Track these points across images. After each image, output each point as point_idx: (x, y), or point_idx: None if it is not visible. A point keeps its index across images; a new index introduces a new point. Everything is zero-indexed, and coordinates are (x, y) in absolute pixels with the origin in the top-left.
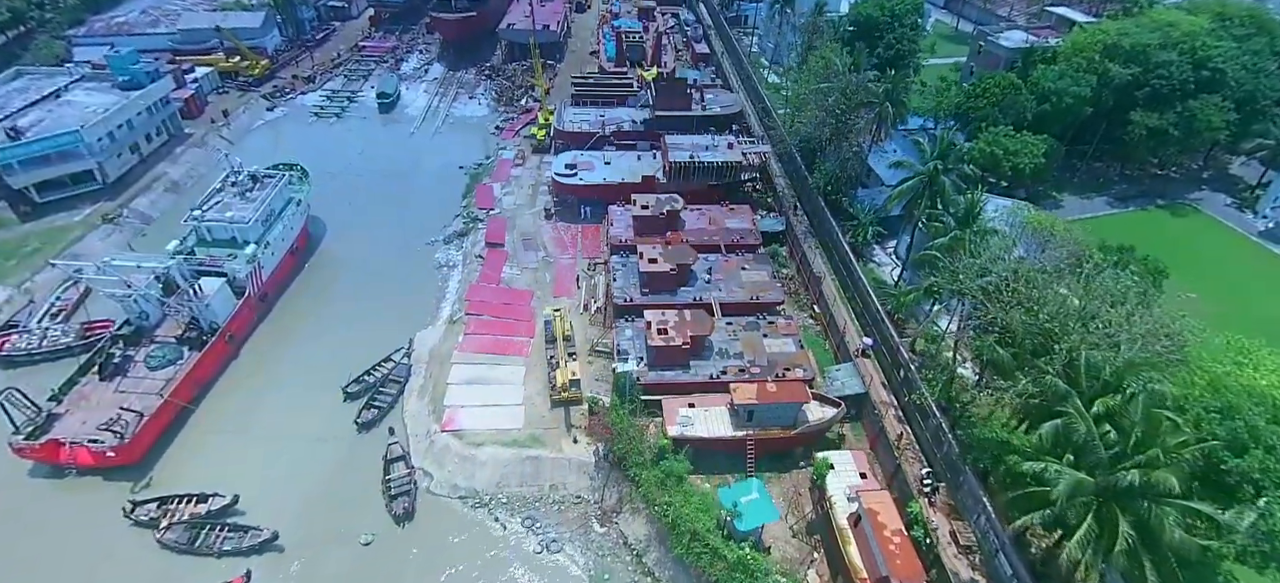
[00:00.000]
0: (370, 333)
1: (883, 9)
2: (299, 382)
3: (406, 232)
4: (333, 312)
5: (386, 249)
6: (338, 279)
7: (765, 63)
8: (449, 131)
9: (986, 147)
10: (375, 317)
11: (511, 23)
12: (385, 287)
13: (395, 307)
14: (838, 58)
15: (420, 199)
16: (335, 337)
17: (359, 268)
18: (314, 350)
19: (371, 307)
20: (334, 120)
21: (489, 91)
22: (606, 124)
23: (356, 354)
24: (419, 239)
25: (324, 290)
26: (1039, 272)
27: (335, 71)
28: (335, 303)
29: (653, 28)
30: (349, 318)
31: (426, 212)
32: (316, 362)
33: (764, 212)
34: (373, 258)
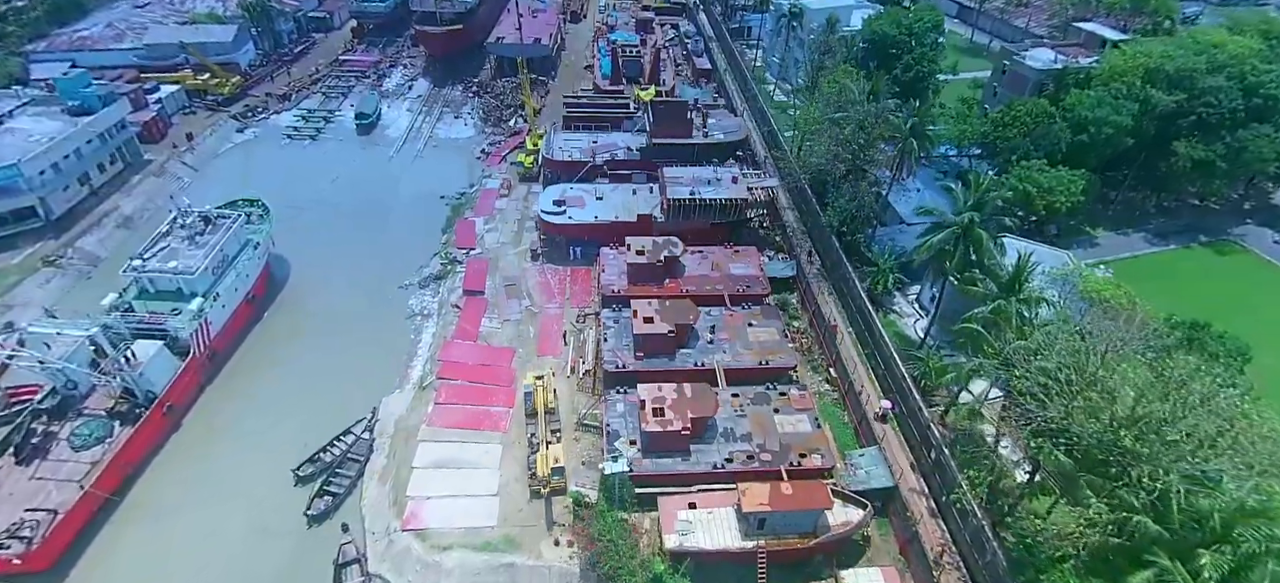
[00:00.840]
0: (332, 397)
1: (901, 26)
2: (246, 458)
3: (379, 273)
4: (291, 370)
5: (356, 294)
6: (299, 331)
7: (771, 79)
8: (431, 155)
9: (1019, 183)
10: (338, 377)
11: (501, 36)
12: (352, 340)
13: (361, 365)
14: (854, 83)
15: (396, 234)
16: (291, 402)
17: (324, 317)
18: (266, 420)
19: (335, 364)
20: (308, 143)
21: (476, 111)
22: (599, 151)
23: (314, 423)
24: (392, 281)
25: (283, 345)
26: (1106, 364)
27: (313, 88)
28: (294, 360)
29: (651, 41)
30: (309, 378)
31: (402, 249)
32: (268, 434)
33: (772, 251)
34: (340, 305)
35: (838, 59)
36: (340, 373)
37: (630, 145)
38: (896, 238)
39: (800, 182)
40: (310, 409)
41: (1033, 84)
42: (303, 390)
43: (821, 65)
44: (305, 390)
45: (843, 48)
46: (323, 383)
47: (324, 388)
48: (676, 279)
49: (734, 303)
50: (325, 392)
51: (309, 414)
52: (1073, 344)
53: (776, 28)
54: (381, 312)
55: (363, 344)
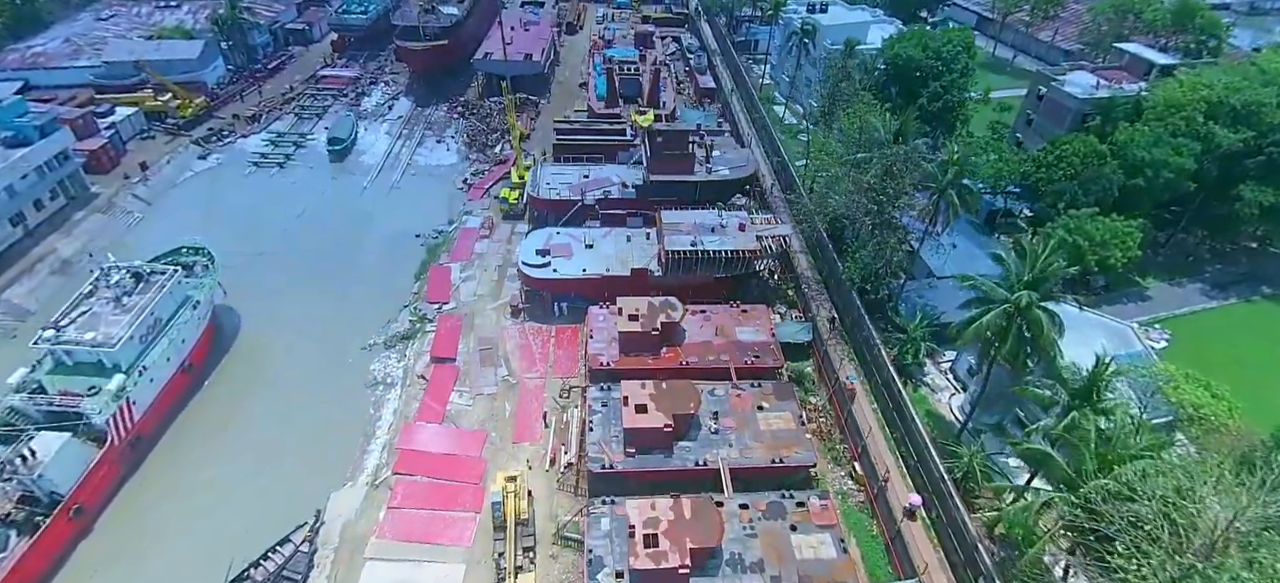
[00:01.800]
0: (274, 490)
1: (927, 49)
2: (166, 572)
3: (341, 329)
4: (230, 455)
5: (312, 356)
6: (244, 404)
7: (779, 98)
8: (409, 186)
9: (1067, 234)
10: (284, 463)
11: (489, 52)
12: (303, 416)
13: (312, 448)
14: (877, 118)
15: (364, 280)
16: (227, 497)
17: (274, 386)
18: (194, 523)
19: (282, 446)
20: (276, 171)
21: (460, 134)
22: (590, 188)
23: (250, 524)
24: (355, 340)
25: (223, 423)
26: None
27: (285, 108)
28: (235, 442)
29: (651, 57)
30: (250, 466)
31: (369, 299)
32: (194, 540)
33: (784, 307)
34: (293, 370)
35: (856, 84)
36: (287, 458)
37: (626, 181)
38: (926, 294)
39: (817, 229)
40: (248, 506)
41: (1074, 114)
42: (241, 481)
43: (838, 93)
44: (244, 481)
45: (861, 72)
46: (265, 472)
47: (266, 478)
48: (676, 346)
49: (741, 377)
50: (267, 483)
51: (246, 512)
52: (1175, 482)
53: (786, 44)
54: (340, 378)
55: (315, 421)
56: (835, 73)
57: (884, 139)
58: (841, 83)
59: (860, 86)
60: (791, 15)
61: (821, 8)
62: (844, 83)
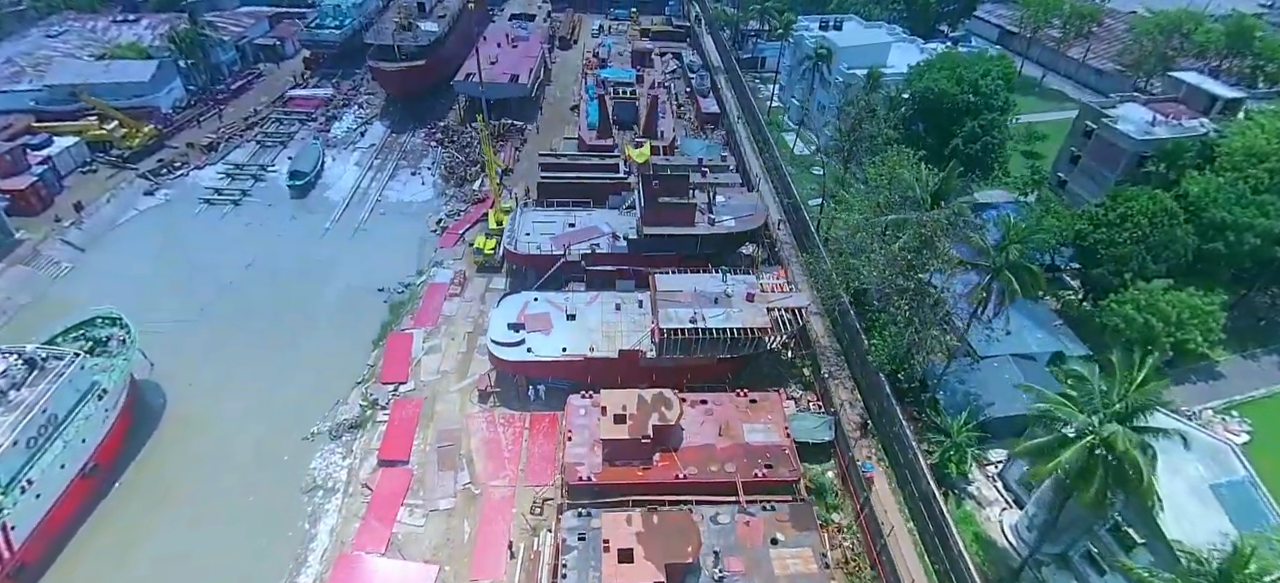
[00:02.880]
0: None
1: (961, 82)
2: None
3: (283, 410)
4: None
5: (245, 448)
6: (157, 517)
7: (789, 123)
8: (377, 227)
9: (1136, 312)
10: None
11: (470, 74)
12: (223, 531)
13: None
14: (910, 171)
15: (316, 346)
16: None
17: (194, 490)
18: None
19: (192, 576)
20: (229, 210)
21: (438, 165)
22: (576, 240)
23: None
24: (297, 426)
25: (128, 544)
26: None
27: (248, 135)
28: (138, 565)
29: (649, 79)
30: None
31: (319, 371)
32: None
33: (799, 387)
34: (219, 468)
35: (879, 122)
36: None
37: (616, 231)
38: (969, 378)
39: (838, 296)
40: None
41: (1129, 157)
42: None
43: (859, 132)
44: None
45: (884, 105)
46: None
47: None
48: (671, 451)
49: (750, 492)
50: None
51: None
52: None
53: (798, 66)
54: (274, 480)
55: (236, 540)
56: (856, 109)
57: (920, 198)
58: (864, 121)
59: (885, 124)
60: (803, 33)
61: (836, 24)
62: (867, 121)
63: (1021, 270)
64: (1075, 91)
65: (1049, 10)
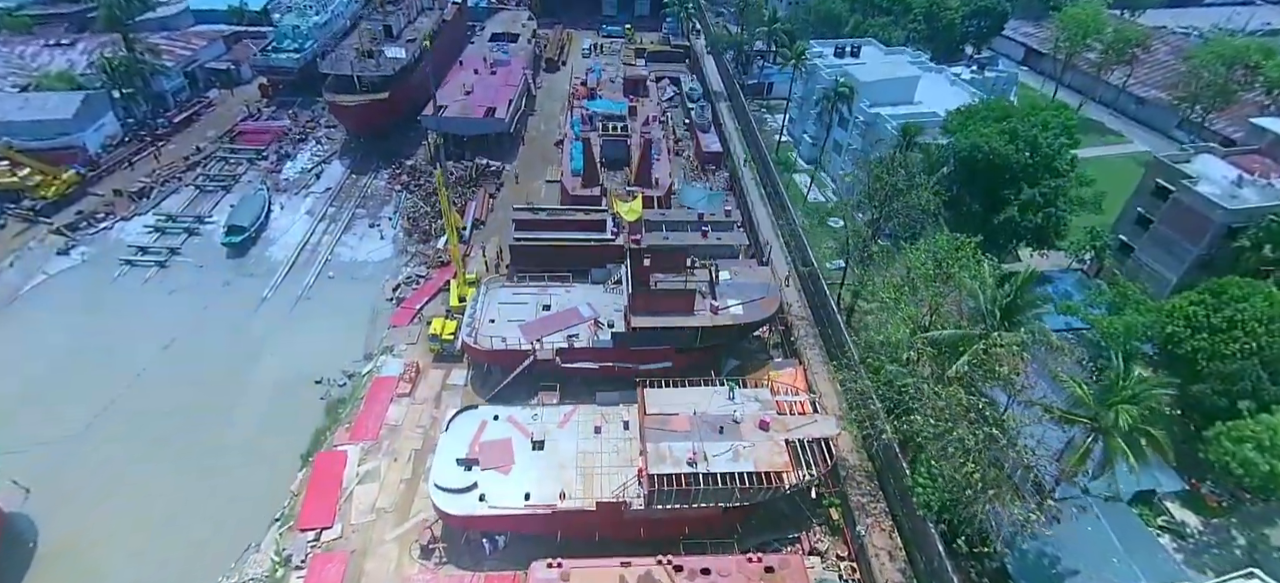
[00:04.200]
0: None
1: (1015, 138)
2: None
3: (179, 557)
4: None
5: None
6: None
7: (801, 161)
8: (324, 295)
9: (1259, 455)
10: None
11: (443, 108)
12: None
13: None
14: (973, 275)
15: (231, 465)
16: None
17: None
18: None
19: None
20: (154, 273)
21: (401, 214)
22: (549, 329)
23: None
24: None
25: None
26: None
27: (188, 177)
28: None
29: (643, 110)
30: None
31: (231, 500)
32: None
33: (826, 530)
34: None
35: (919, 191)
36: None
37: (599, 317)
38: (1049, 544)
39: (880, 431)
40: None
41: (1217, 229)
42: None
43: (889, 203)
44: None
45: (922, 163)
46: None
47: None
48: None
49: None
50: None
51: None
52: None
53: (812, 101)
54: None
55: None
56: (886, 169)
57: (987, 309)
58: (899, 189)
59: (925, 189)
60: (817, 63)
61: (852, 51)
62: (907, 192)
63: (1140, 444)
64: (1115, 122)
65: (1088, 32)
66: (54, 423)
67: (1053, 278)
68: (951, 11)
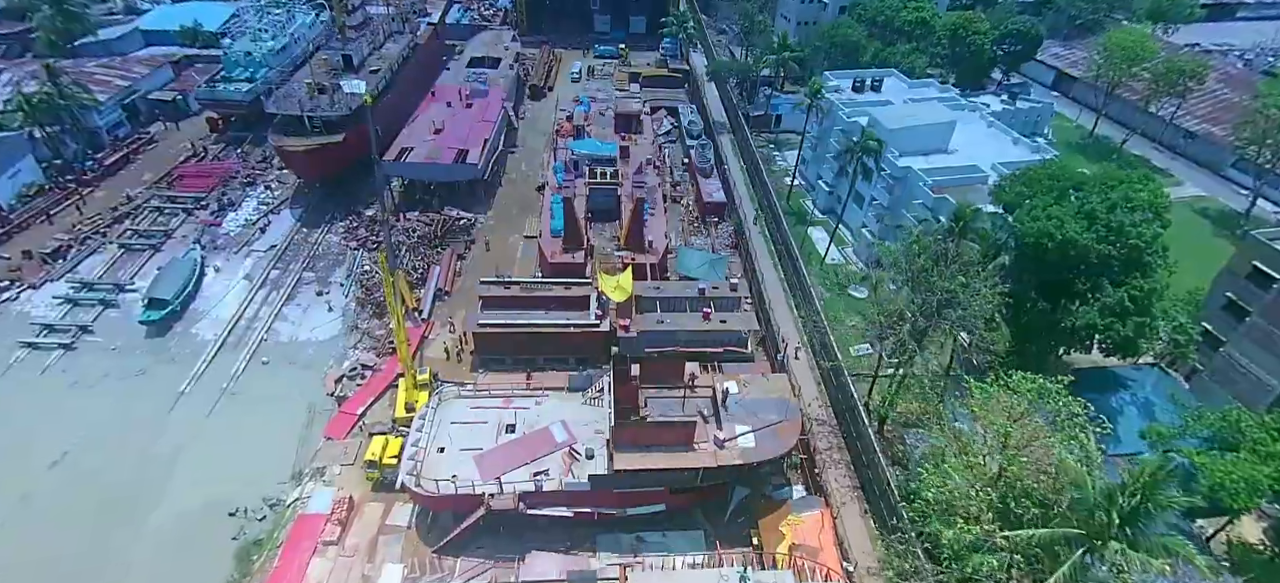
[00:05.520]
0: None
1: (1092, 221)
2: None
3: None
4: None
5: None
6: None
7: (814, 210)
8: (253, 388)
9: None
10: None
11: (407, 149)
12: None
13: None
14: (1072, 451)
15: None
16: None
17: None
18: None
19: None
20: (59, 356)
21: (354, 279)
22: (513, 461)
23: None
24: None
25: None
26: None
27: (114, 231)
28: None
29: (636, 152)
30: None
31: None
32: None
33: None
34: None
35: (976, 292)
36: None
37: (575, 444)
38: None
39: None
40: None
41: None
42: None
43: (940, 311)
44: None
45: (976, 249)
46: None
47: None
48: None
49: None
50: None
51: None
52: None
53: (825, 134)
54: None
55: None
56: (936, 272)
57: (1096, 504)
58: (954, 297)
59: (983, 291)
60: (835, 100)
61: (873, 85)
62: (960, 293)
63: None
64: (1161, 157)
65: (1133, 59)
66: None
67: (1127, 379)
68: (981, 36)
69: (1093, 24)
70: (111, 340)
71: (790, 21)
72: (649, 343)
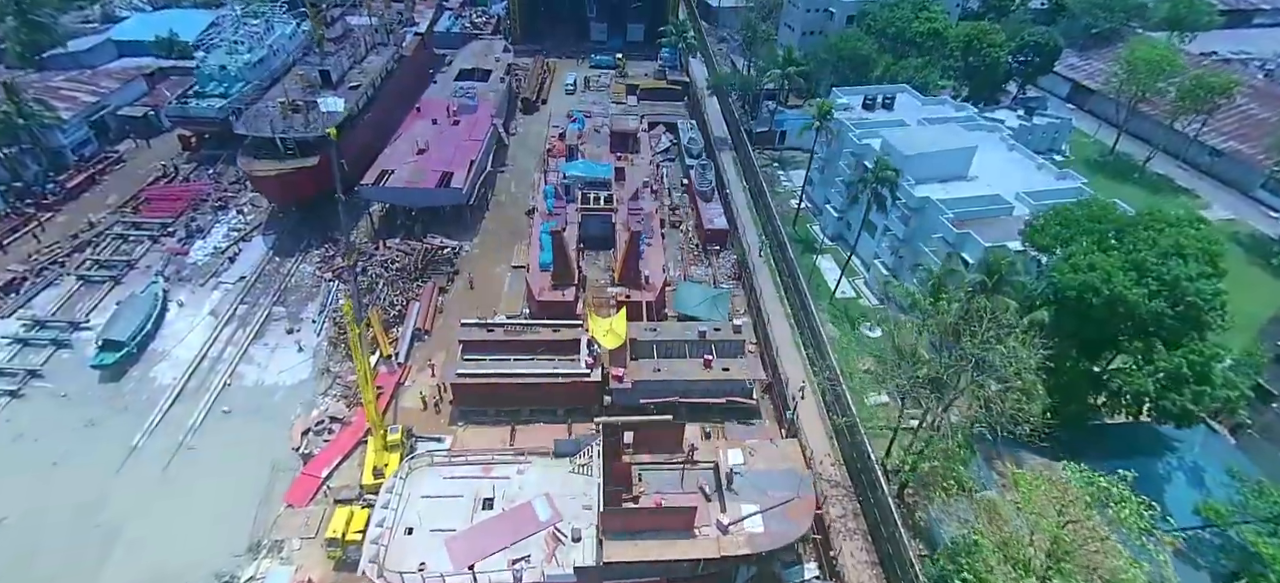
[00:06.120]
0: None
1: (1142, 274)
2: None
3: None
4: None
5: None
6: None
7: (821, 237)
8: (212, 441)
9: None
10: None
11: (387, 172)
12: None
13: None
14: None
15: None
16: None
17: None
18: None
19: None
20: (3, 404)
21: (328, 315)
22: (487, 553)
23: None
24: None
25: None
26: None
27: (73, 261)
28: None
29: (633, 175)
30: None
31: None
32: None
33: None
34: None
35: (1011, 354)
36: None
37: (559, 524)
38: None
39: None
40: None
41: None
42: None
43: (976, 363)
44: None
45: (1015, 311)
46: None
47: None
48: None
49: None
50: None
51: None
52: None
53: (833, 156)
54: None
55: None
56: (969, 333)
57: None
58: (988, 360)
59: (1022, 360)
60: (845, 120)
61: (885, 102)
62: (997, 361)
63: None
64: (1185, 176)
65: (1157, 74)
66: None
67: (1172, 439)
68: (996, 49)
69: (1109, 33)
70: (61, 386)
71: (795, 31)
72: (645, 393)
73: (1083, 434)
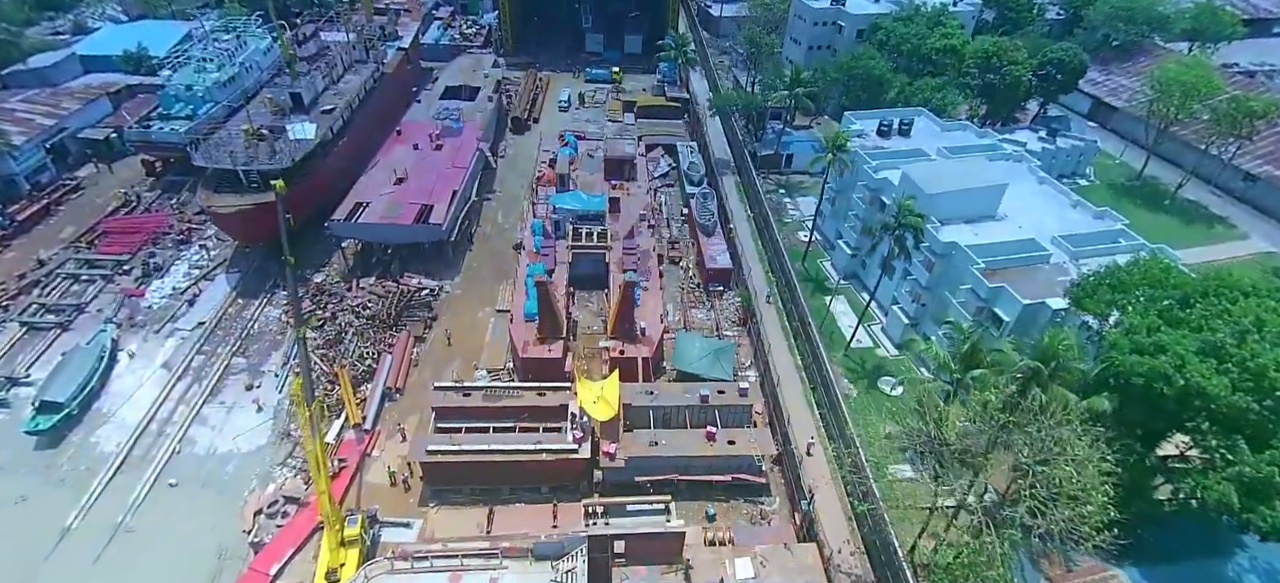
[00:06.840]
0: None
1: (1221, 360)
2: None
3: None
4: None
5: None
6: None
7: (832, 275)
8: (154, 520)
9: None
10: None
11: (362, 204)
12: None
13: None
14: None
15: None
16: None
17: None
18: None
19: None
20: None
21: (290, 369)
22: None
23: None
24: None
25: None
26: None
27: (18, 305)
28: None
29: (629, 206)
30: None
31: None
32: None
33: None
34: None
35: (1070, 444)
36: None
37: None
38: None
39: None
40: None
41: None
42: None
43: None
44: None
45: (1069, 393)
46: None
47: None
48: None
49: None
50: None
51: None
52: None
53: (846, 187)
54: None
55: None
56: (1025, 435)
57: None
58: (1044, 462)
59: (1076, 417)
60: (859, 149)
61: (902, 128)
62: (1059, 460)
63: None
64: (1219, 202)
65: (1192, 95)
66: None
67: (1249, 547)
68: (1018, 67)
69: (1130, 45)
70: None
71: (801, 45)
72: (640, 471)
73: (1142, 524)
